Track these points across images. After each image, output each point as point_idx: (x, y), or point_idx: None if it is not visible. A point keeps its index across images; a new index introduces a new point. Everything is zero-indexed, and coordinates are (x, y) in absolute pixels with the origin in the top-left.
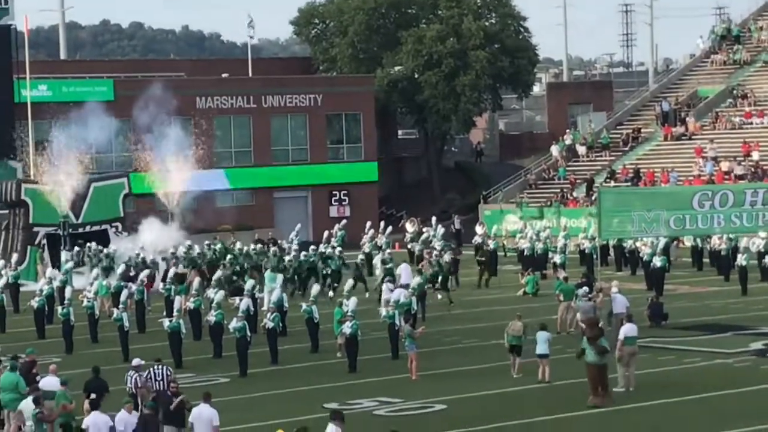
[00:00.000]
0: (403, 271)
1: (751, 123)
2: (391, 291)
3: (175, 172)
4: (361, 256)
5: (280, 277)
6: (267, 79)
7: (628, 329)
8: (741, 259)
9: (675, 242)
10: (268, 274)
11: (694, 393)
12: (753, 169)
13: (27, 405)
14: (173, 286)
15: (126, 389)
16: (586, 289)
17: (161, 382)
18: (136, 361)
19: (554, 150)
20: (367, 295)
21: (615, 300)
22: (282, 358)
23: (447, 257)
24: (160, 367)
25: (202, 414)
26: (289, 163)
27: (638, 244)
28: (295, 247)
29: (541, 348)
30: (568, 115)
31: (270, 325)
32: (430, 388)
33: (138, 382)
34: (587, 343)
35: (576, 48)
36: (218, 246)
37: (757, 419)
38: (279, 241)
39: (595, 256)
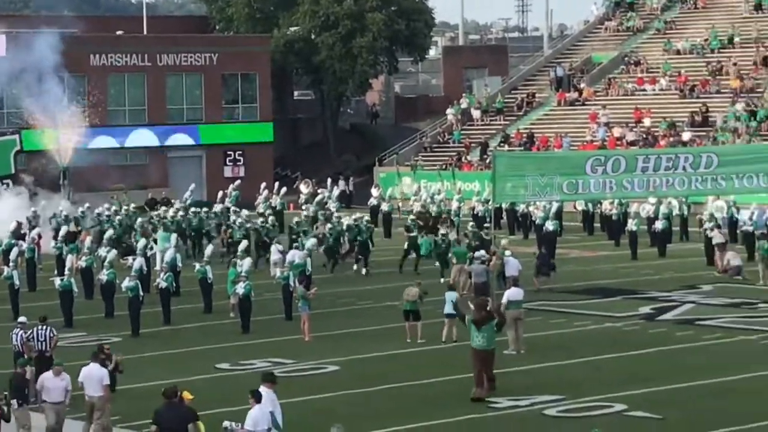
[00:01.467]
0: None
1: (644, 89)
2: (280, 253)
3: (68, 129)
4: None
5: (173, 236)
6: (162, 37)
7: (512, 293)
8: (631, 224)
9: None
10: (161, 233)
11: (583, 356)
12: (644, 135)
13: None
14: (64, 245)
15: (12, 347)
16: (483, 252)
17: (43, 343)
18: (22, 319)
19: (449, 113)
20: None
21: (508, 263)
22: (175, 318)
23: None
24: (43, 327)
25: (93, 373)
26: (183, 123)
27: (531, 208)
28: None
29: (449, 308)
30: (464, 78)
31: (163, 284)
32: (324, 350)
33: (23, 339)
34: (473, 327)
35: (472, 12)
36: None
37: (644, 382)
38: (172, 201)
39: (488, 220)
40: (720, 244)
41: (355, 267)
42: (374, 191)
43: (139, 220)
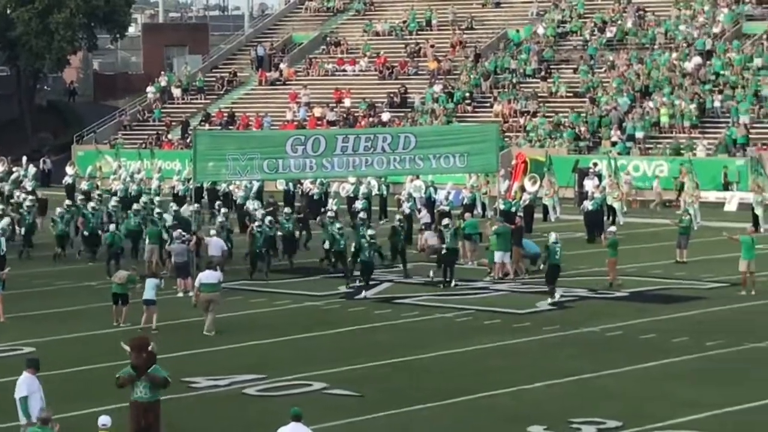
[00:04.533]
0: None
1: (344, 70)
2: None
3: None
4: None
5: None
6: None
7: (205, 276)
8: (331, 204)
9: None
10: None
11: (284, 335)
12: (345, 116)
13: None
14: None
15: None
16: (180, 231)
17: None
18: None
19: (149, 91)
20: None
21: (210, 243)
22: None
23: None
24: None
25: None
26: None
27: (232, 187)
28: None
29: (148, 294)
30: (164, 56)
31: None
32: (19, 331)
33: None
34: (137, 377)
35: None
36: None
37: (343, 360)
38: None
39: (189, 199)
40: (427, 224)
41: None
42: (69, 169)
43: None
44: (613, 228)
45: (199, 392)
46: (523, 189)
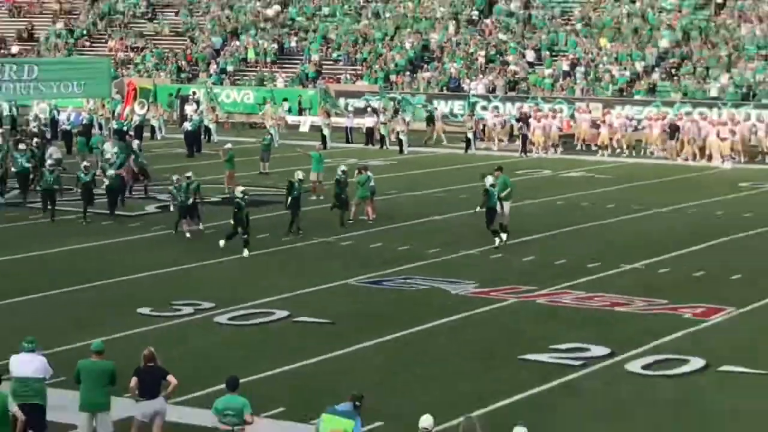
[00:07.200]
0: None
1: None
2: None
3: None
4: None
5: None
6: None
7: None
8: None
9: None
10: None
11: None
12: None
13: None
14: None
15: None
16: None
17: None
18: None
19: None
20: None
21: None
22: None
23: None
24: None
25: None
26: None
27: None
28: None
29: None
30: None
31: None
32: None
33: None
34: None
35: None
36: None
37: None
38: None
39: None
40: (47, 139)
41: None
42: None
43: None
44: (229, 145)
45: None
46: (133, 111)
